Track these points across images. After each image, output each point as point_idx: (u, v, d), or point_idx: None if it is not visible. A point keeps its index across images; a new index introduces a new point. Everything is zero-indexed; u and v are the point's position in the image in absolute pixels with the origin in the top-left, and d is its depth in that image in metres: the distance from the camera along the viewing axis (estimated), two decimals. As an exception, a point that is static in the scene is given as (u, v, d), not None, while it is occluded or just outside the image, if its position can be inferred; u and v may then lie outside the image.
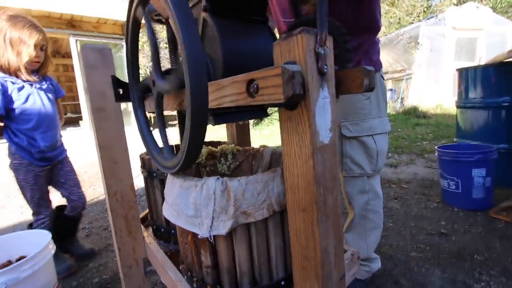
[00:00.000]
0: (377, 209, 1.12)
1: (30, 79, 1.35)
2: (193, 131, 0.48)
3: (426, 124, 5.13)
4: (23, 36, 1.28)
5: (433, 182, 2.38)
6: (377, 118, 1.04)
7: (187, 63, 0.43)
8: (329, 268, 0.51)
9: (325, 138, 0.48)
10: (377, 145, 1.04)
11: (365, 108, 1.03)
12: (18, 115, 1.34)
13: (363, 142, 1.03)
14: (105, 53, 0.80)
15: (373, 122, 1.03)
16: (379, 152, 1.04)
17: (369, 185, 1.07)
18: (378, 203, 1.11)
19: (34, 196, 1.40)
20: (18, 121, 1.34)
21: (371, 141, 1.03)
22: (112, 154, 0.83)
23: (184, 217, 0.58)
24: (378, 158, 1.05)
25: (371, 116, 1.03)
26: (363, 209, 1.09)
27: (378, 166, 1.06)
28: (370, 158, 1.04)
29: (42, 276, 0.99)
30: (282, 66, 0.37)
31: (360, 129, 1.03)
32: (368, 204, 1.09)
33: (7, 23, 1.26)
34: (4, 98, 1.28)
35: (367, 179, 1.07)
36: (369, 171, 1.05)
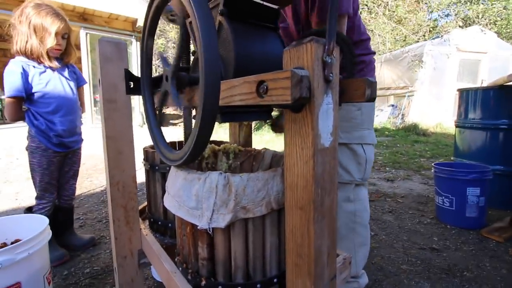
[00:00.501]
0: (365, 222, 1.14)
1: (52, 65, 1.40)
2: (202, 126, 0.50)
3: (425, 142, 5.18)
4: (46, 24, 1.33)
5: (428, 199, 2.41)
6: (367, 130, 1.10)
7: (203, 61, 0.46)
8: (322, 267, 0.53)
9: (326, 141, 0.50)
10: (366, 154, 1.08)
11: (357, 119, 1.08)
12: (38, 99, 1.38)
13: (352, 150, 1.07)
14: (120, 47, 0.84)
15: (364, 132, 1.09)
16: (367, 161, 1.09)
17: (356, 194, 1.10)
18: (366, 216, 1.13)
19: (43, 180, 1.43)
20: (38, 104, 1.39)
21: (361, 149, 1.08)
22: (118, 145, 0.86)
23: (185, 208, 0.60)
24: (366, 166, 1.09)
25: (362, 127, 1.09)
26: (351, 220, 1.11)
27: (366, 175, 1.10)
28: (358, 165, 1.08)
29: (37, 260, 1.00)
30: (292, 70, 0.40)
31: (350, 137, 1.07)
32: (357, 216, 1.10)
33: (32, 10, 1.31)
34: (24, 82, 1.33)
35: (354, 187, 1.10)
36: (358, 178, 1.08)
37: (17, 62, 1.35)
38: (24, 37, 1.33)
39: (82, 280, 1.33)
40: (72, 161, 1.58)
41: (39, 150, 1.41)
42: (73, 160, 1.58)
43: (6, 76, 1.32)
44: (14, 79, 1.32)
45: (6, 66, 1.34)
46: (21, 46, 1.34)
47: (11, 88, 1.32)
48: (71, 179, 1.61)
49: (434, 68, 6.83)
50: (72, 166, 1.59)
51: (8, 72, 1.33)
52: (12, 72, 1.33)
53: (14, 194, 2.72)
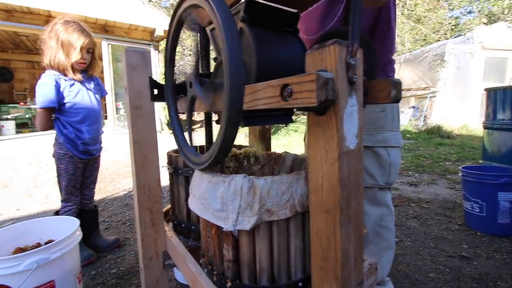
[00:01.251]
0: (390, 226, 1.10)
1: (76, 77, 1.49)
2: (227, 130, 0.52)
3: (450, 145, 4.96)
4: (72, 39, 1.43)
5: (456, 204, 2.30)
6: (391, 132, 1.06)
7: (229, 67, 0.47)
8: (349, 271, 0.53)
9: (351, 144, 0.50)
10: (390, 157, 1.04)
11: (380, 120, 1.04)
12: (68, 109, 1.49)
13: (376, 153, 1.04)
14: (145, 56, 0.87)
15: (387, 134, 1.05)
16: (392, 164, 1.05)
17: (381, 198, 1.07)
18: (391, 220, 1.10)
19: (69, 184, 1.51)
20: (68, 114, 1.49)
21: (385, 153, 1.04)
22: (143, 150, 0.89)
23: (210, 210, 0.61)
24: (390, 170, 1.05)
25: (386, 129, 1.05)
26: (377, 224, 1.08)
27: (391, 179, 1.06)
28: (382, 169, 1.04)
29: (69, 260, 1.05)
30: (316, 73, 0.40)
31: (373, 139, 1.04)
32: (382, 220, 1.07)
33: (61, 26, 1.42)
34: (57, 93, 1.44)
35: (378, 191, 1.06)
36: (381, 182, 1.05)
37: (50, 76, 1.45)
38: (53, 52, 1.44)
39: (109, 280, 1.38)
40: (93, 167, 1.68)
41: (66, 157, 1.50)
42: (94, 166, 1.68)
43: (39, 88, 1.42)
44: (47, 91, 1.42)
45: (39, 80, 1.44)
46: (50, 60, 1.45)
47: (45, 100, 1.41)
48: (91, 184, 1.70)
49: (458, 68, 6.55)
50: (93, 172, 1.69)
51: (41, 84, 1.43)
52: (46, 85, 1.42)
53: (44, 197, 2.88)
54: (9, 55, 7.38)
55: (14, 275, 0.92)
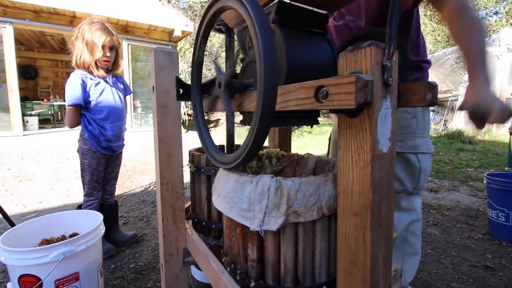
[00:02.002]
0: (417, 232, 1.08)
1: (99, 74, 1.54)
2: (259, 130, 0.52)
3: (472, 150, 4.78)
4: (95, 38, 1.48)
5: (479, 212, 2.21)
6: (421, 138, 1.04)
7: (263, 68, 0.48)
8: (377, 276, 0.52)
9: (384, 147, 0.49)
10: (420, 163, 1.02)
11: (411, 127, 1.02)
12: (93, 106, 1.55)
13: (406, 159, 1.02)
14: (172, 56, 0.89)
15: (418, 141, 1.03)
16: (422, 170, 1.02)
17: (409, 203, 1.04)
18: (419, 226, 1.07)
19: (92, 179, 1.57)
20: (93, 111, 1.55)
21: (415, 159, 1.02)
22: (169, 147, 0.91)
23: (236, 210, 0.62)
24: (420, 176, 1.02)
25: (417, 135, 1.03)
26: (404, 229, 1.06)
27: (420, 185, 1.04)
28: (411, 175, 1.02)
29: (92, 253, 1.09)
30: (356, 75, 0.40)
31: (404, 145, 1.02)
32: (410, 225, 1.05)
33: (86, 27, 1.48)
34: (83, 92, 1.50)
35: (405, 196, 1.04)
36: (410, 188, 1.03)
37: (77, 75, 1.51)
38: (79, 52, 1.51)
39: (128, 274, 1.42)
40: (115, 164, 1.73)
41: (90, 152, 1.55)
42: (116, 163, 1.73)
43: (68, 87, 1.49)
44: (75, 89, 1.48)
45: (68, 79, 1.51)
46: (77, 59, 1.52)
47: (73, 98, 1.47)
48: (113, 180, 1.76)
49: (481, 71, 6.29)
50: (115, 168, 1.74)
51: (70, 83, 1.49)
52: (74, 84, 1.49)
53: (65, 191, 2.99)
54: (34, 53, 7.71)
55: (41, 265, 0.96)
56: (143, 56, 6.29)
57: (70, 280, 1.00)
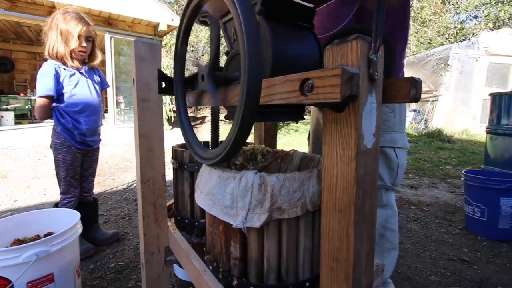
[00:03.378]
0: (394, 227, 1.10)
1: (74, 65, 1.47)
2: (242, 124, 0.50)
3: (450, 149, 4.96)
4: (70, 27, 1.42)
5: (456, 208, 2.29)
6: (398, 133, 1.06)
7: (247, 59, 0.46)
8: (360, 272, 0.51)
9: (369, 142, 0.49)
10: (398, 158, 1.04)
11: (389, 121, 1.04)
12: (67, 99, 1.47)
13: (384, 153, 1.03)
14: (154, 47, 0.86)
15: (395, 135, 1.05)
16: (399, 165, 1.04)
17: (386, 199, 1.06)
18: (395, 221, 1.09)
19: (68, 175, 1.50)
20: (67, 104, 1.47)
21: (393, 153, 1.04)
22: (150, 143, 0.88)
23: (219, 206, 0.60)
24: (398, 171, 1.04)
25: (394, 130, 1.05)
26: (382, 226, 1.07)
27: (397, 180, 1.06)
28: (390, 170, 1.04)
29: (68, 253, 1.04)
30: (342, 67, 0.39)
31: (382, 139, 1.03)
32: (387, 222, 1.07)
33: (60, 16, 1.41)
34: (56, 83, 1.42)
35: (384, 192, 1.06)
36: (388, 183, 1.04)
37: (50, 65, 1.43)
38: (53, 42, 1.43)
39: (108, 274, 1.37)
40: (92, 159, 1.66)
41: (64, 146, 1.48)
42: (92, 158, 1.66)
43: (40, 77, 1.41)
44: (47, 80, 1.40)
45: (40, 68, 1.42)
46: (49, 50, 1.44)
47: (44, 88, 1.40)
48: (90, 177, 1.68)
49: (461, 72, 6.55)
50: (92, 164, 1.67)
51: (42, 73, 1.42)
52: (46, 74, 1.41)
53: (42, 189, 2.86)
54: (10, 45, 7.31)
55: (12, 267, 0.90)
56: (127, 50, 6.11)
57: (44, 282, 0.94)
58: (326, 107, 0.50)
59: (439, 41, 7.09)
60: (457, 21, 7.44)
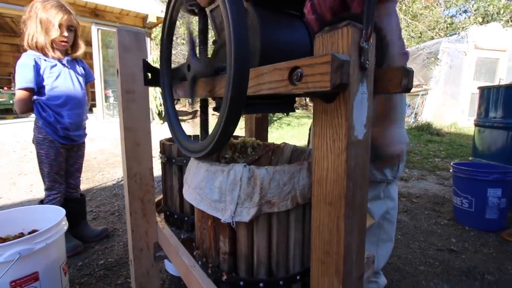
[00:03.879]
0: (393, 219, 1.10)
1: (55, 56, 1.41)
2: (229, 115, 0.48)
3: (439, 142, 5.05)
4: (50, 16, 1.35)
5: (445, 199, 2.34)
6: (400, 128, 1.05)
7: (234, 47, 0.44)
8: (350, 265, 0.51)
9: (359, 133, 0.48)
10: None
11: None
12: (48, 91, 1.40)
13: None
14: (139, 37, 0.82)
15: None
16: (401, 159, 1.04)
17: (388, 191, 1.06)
18: (395, 214, 1.10)
19: (52, 170, 1.44)
20: (48, 96, 1.41)
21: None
22: (136, 136, 0.85)
23: (207, 201, 0.58)
24: (399, 165, 1.04)
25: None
26: (382, 217, 1.08)
27: (398, 174, 1.06)
28: (392, 165, 1.04)
29: (54, 251, 1.01)
30: (332, 54, 0.37)
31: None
32: (387, 213, 1.07)
33: (40, 5, 1.35)
34: (36, 75, 1.36)
35: (385, 185, 1.06)
36: (390, 177, 1.04)
37: (30, 55, 1.37)
38: (32, 31, 1.36)
39: (97, 271, 1.34)
40: (77, 155, 1.60)
41: (46, 141, 1.43)
42: (78, 154, 1.60)
43: (19, 69, 1.34)
44: (26, 71, 1.34)
45: (19, 59, 1.36)
46: (29, 40, 1.37)
47: (23, 80, 1.33)
48: (76, 172, 1.63)
49: (450, 66, 6.63)
50: (77, 159, 1.61)
51: (20, 64, 1.35)
52: (25, 65, 1.34)
53: (28, 186, 2.78)
54: (-9, 36, 7.03)
55: (-5, 265, 0.87)
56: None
57: (29, 281, 0.91)
58: (316, 97, 0.48)
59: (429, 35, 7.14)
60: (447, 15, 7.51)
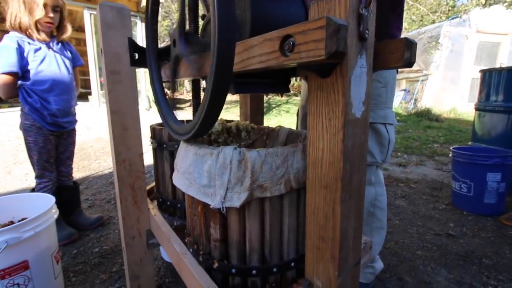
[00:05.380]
0: (383, 206, 1.08)
1: (40, 37, 1.34)
2: (214, 94, 0.44)
3: (438, 128, 5.02)
4: None
5: (443, 185, 2.33)
6: (389, 109, 1.03)
7: (216, 17, 0.39)
8: (347, 251, 0.48)
9: (357, 111, 0.44)
10: (389, 134, 1.01)
11: (382, 96, 1.00)
12: (34, 76, 1.34)
13: (376, 129, 1.00)
14: (123, 13, 0.77)
15: (387, 111, 1.02)
16: (390, 141, 1.02)
17: (376, 176, 1.04)
18: (384, 199, 1.08)
19: (41, 158, 1.40)
20: (33, 81, 1.35)
21: (384, 130, 1.01)
22: (123, 120, 0.81)
23: (196, 186, 0.55)
24: (389, 147, 1.02)
25: (386, 105, 1.02)
26: (371, 204, 1.06)
27: (388, 157, 1.04)
28: (381, 146, 1.01)
29: (44, 239, 0.98)
30: (327, 17, 0.33)
31: (375, 115, 1.00)
32: (377, 200, 1.05)
33: None
34: (20, 58, 1.29)
35: (375, 169, 1.03)
36: (380, 160, 1.02)
37: (12, 37, 1.30)
38: (15, 11, 1.28)
39: (91, 259, 1.33)
40: (67, 142, 1.55)
41: (33, 128, 1.38)
42: (68, 141, 1.55)
43: (1, 52, 1.27)
44: (9, 54, 1.27)
45: (1, 41, 1.29)
46: (11, 20, 1.30)
47: (6, 64, 1.27)
48: (67, 160, 1.58)
49: (451, 51, 6.51)
50: (68, 147, 1.56)
51: (2, 47, 1.28)
52: (7, 47, 1.28)
53: (23, 175, 2.75)
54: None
55: (-17, 255, 0.85)
56: (108, 27, 5.76)
57: (18, 270, 0.90)
58: (311, 71, 0.44)
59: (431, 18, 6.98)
60: (450, -3, 7.31)
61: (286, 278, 0.60)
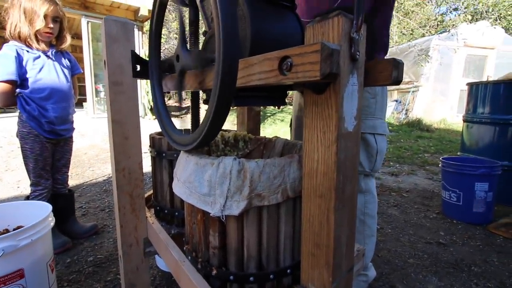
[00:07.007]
0: (373, 213, 1.11)
1: (40, 47, 1.37)
2: (218, 108, 0.47)
3: (429, 138, 5.14)
4: (35, 6, 1.31)
5: (433, 194, 2.38)
6: (379, 119, 1.07)
7: (222, 35, 0.42)
8: (340, 257, 0.51)
9: (350, 125, 0.47)
10: (377, 144, 1.04)
11: (371, 107, 1.04)
12: (31, 84, 1.36)
13: (364, 139, 1.04)
14: (127, 27, 0.80)
15: (376, 121, 1.05)
16: (378, 152, 1.05)
17: (365, 184, 1.07)
18: (374, 207, 1.11)
19: (37, 166, 1.40)
20: (31, 89, 1.36)
21: (372, 140, 1.04)
22: (124, 130, 0.83)
23: (196, 195, 0.57)
24: (377, 157, 1.05)
25: (375, 116, 1.05)
26: (361, 212, 1.08)
27: (376, 166, 1.07)
28: (369, 156, 1.04)
29: (40, 247, 0.98)
30: (322, 43, 0.36)
31: (363, 125, 1.03)
32: (366, 208, 1.08)
33: None
34: (19, 66, 1.31)
35: (363, 177, 1.07)
36: (367, 169, 1.05)
37: (11, 46, 1.32)
38: (15, 21, 1.31)
39: (86, 268, 1.32)
40: (64, 149, 1.55)
41: (31, 135, 1.38)
42: (65, 149, 1.56)
43: (0, 60, 1.29)
44: (8, 63, 1.29)
45: (0, 50, 1.31)
46: (11, 30, 1.33)
47: (5, 72, 1.29)
48: (63, 168, 1.58)
49: (440, 64, 6.72)
50: (64, 154, 1.56)
51: (1, 55, 1.30)
52: (6, 56, 1.30)
53: (15, 182, 2.71)
54: (-26, 28, 6.78)
55: (-22, 263, 0.84)
56: (105, 35, 5.79)
57: (13, 278, 0.89)
58: (307, 88, 0.48)
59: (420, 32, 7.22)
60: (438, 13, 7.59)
61: (282, 284, 0.62)
